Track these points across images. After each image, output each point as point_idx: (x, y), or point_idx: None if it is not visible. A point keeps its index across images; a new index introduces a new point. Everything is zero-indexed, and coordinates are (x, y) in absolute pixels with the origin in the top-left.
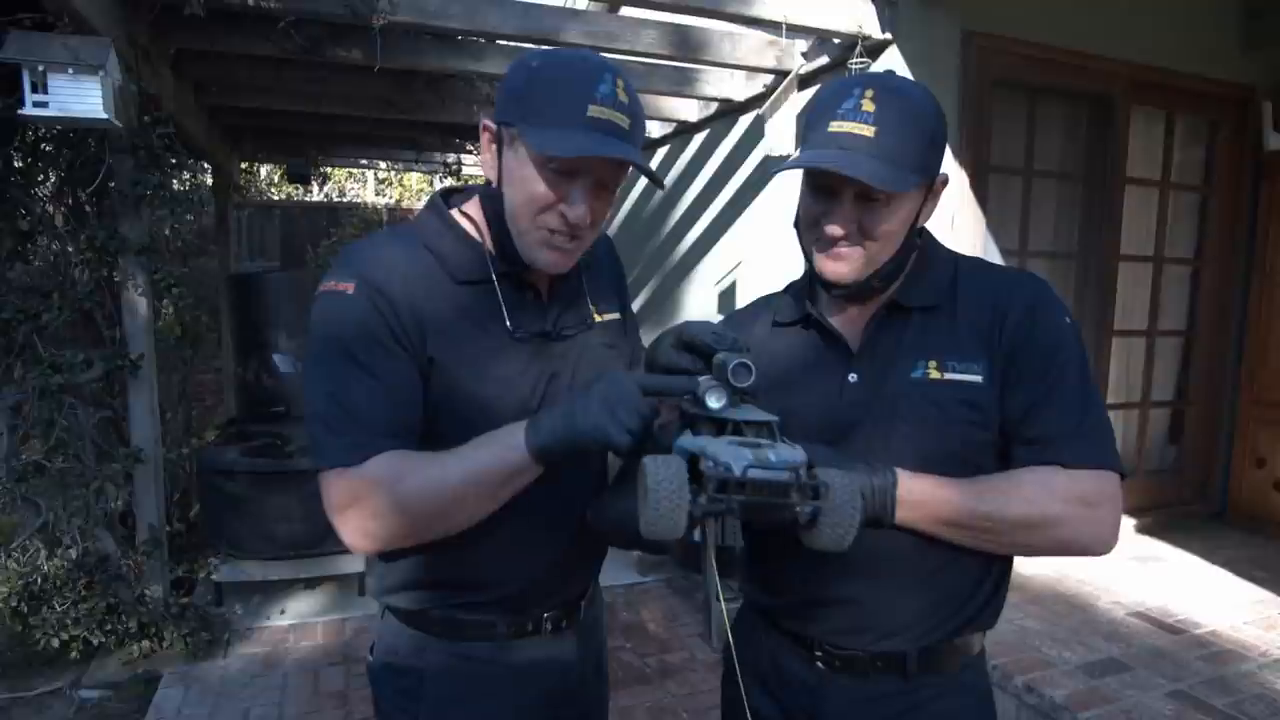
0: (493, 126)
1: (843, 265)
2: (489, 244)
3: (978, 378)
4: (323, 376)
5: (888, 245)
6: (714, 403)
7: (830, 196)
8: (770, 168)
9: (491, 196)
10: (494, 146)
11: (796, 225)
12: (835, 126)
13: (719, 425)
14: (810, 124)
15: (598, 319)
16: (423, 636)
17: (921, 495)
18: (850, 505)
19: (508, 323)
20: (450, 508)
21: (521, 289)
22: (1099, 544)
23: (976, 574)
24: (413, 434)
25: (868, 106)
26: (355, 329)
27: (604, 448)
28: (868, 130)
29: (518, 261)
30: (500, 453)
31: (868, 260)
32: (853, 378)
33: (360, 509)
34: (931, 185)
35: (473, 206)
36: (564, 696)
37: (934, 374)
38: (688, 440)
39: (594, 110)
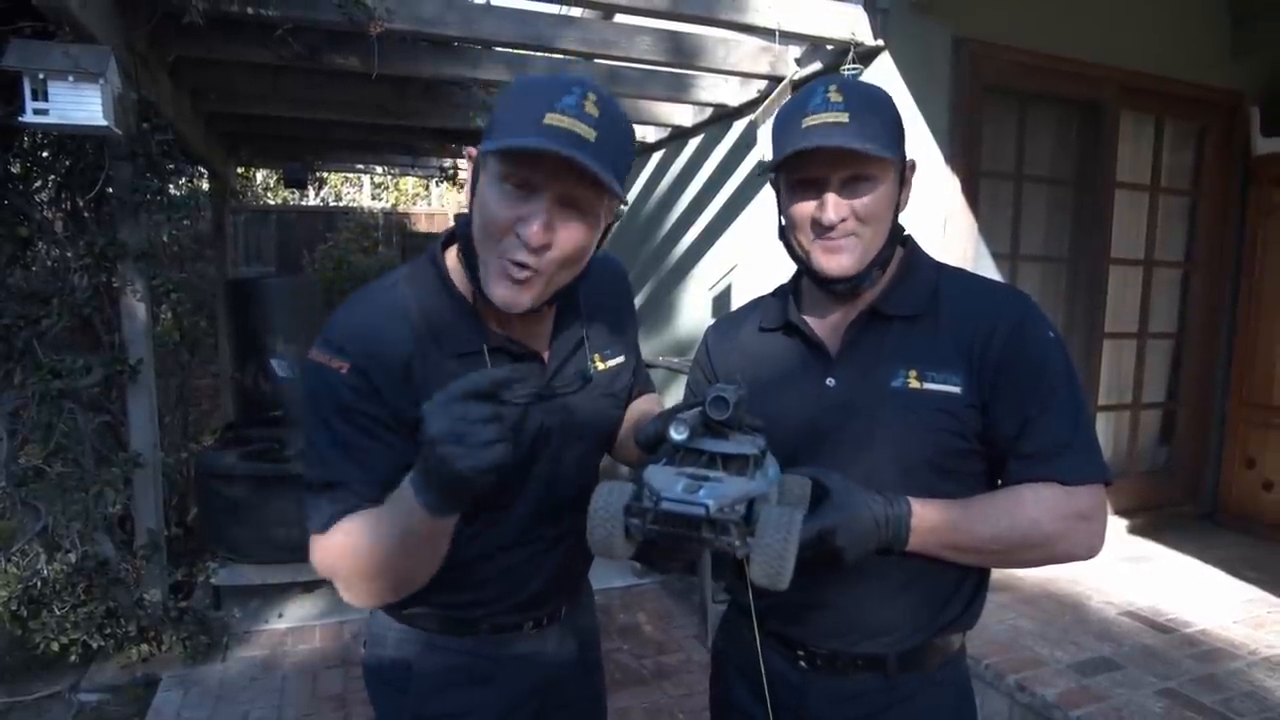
0: (474, 153)
1: (844, 257)
2: (475, 293)
3: (956, 389)
4: (314, 444)
5: (879, 230)
6: (676, 435)
7: (819, 189)
8: (760, 170)
9: (462, 223)
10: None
11: (782, 236)
12: (810, 121)
13: (697, 455)
14: (783, 131)
15: (600, 367)
16: (408, 629)
17: (932, 523)
18: (779, 545)
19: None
20: (401, 572)
21: (520, 359)
22: (1091, 553)
23: (956, 577)
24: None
25: (835, 98)
26: (342, 409)
27: (488, 475)
28: (842, 116)
29: (491, 302)
30: (407, 520)
31: (865, 249)
32: (831, 383)
33: (340, 580)
34: (903, 170)
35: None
36: (550, 690)
37: (914, 384)
38: (648, 469)
39: (551, 118)
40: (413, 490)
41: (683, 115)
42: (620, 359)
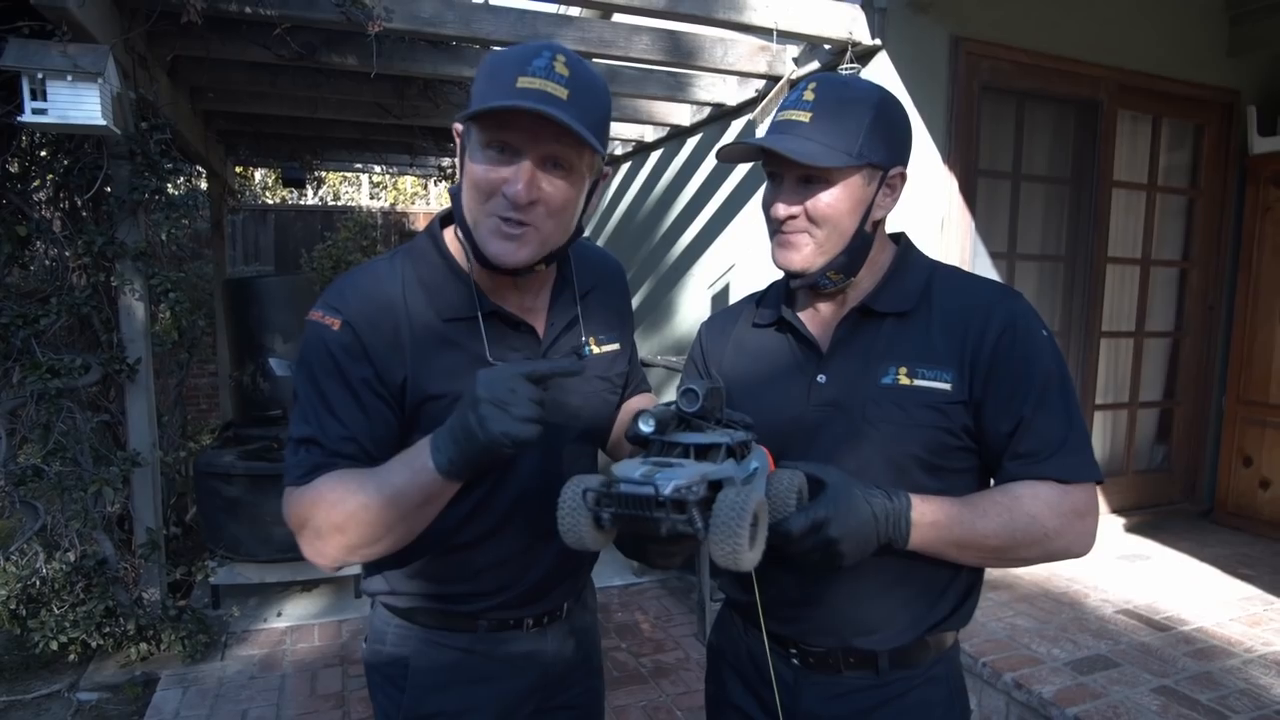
0: (459, 129)
1: (794, 253)
2: (470, 262)
3: (946, 385)
4: (300, 400)
5: (834, 232)
6: (644, 427)
7: (778, 182)
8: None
9: (454, 196)
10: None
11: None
12: (781, 116)
13: (673, 448)
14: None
15: (595, 350)
16: (407, 626)
17: (933, 518)
18: (732, 522)
19: (488, 357)
20: (381, 530)
21: (515, 326)
22: (1085, 550)
23: (949, 575)
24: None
25: (808, 96)
26: (330, 365)
27: (517, 447)
28: (804, 115)
29: (488, 263)
30: (413, 478)
31: (817, 248)
32: (821, 379)
33: (309, 530)
34: (884, 176)
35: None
36: (547, 688)
37: (904, 380)
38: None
39: (523, 81)
40: (430, 448)
41: (681, 114)
42: (616, 345)
